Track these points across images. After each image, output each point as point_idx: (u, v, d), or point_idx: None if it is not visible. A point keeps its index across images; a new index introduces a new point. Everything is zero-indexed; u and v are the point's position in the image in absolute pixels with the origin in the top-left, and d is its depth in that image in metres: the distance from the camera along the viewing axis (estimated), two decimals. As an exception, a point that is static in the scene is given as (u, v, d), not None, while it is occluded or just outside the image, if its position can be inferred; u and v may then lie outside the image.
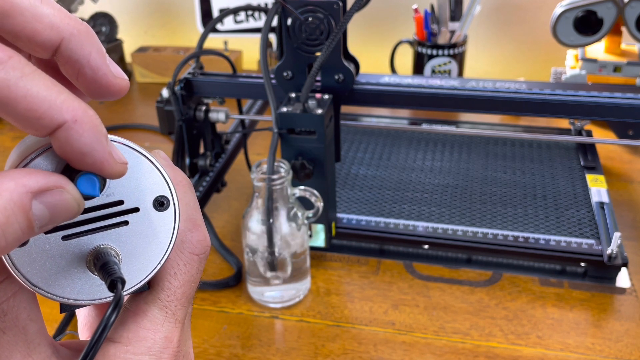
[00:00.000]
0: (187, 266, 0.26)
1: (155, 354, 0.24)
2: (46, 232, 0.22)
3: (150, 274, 0.24)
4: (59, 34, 0.21)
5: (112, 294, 0.23)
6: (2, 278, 0.22)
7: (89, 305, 0.24)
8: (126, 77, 0.23)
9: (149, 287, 0.25)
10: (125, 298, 0.26)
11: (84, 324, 0.29)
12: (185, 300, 0.26)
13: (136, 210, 0.24)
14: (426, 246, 0.69)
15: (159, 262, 0.24)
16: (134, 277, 0.24)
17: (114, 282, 0.22)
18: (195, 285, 0.26)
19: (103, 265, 0.23)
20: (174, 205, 0.24)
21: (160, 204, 0.24)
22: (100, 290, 0.24)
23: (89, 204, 0.23)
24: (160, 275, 0.25)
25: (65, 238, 0.23)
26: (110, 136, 0.23)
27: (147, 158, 0.24)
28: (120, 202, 0.23)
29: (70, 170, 0.21)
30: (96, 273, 0.23)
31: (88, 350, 0.21)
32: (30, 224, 0.20)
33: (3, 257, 0.21)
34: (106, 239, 0.23)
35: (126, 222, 0.24)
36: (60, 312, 0.25)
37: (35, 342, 0.23)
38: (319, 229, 0.67)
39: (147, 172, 0.24)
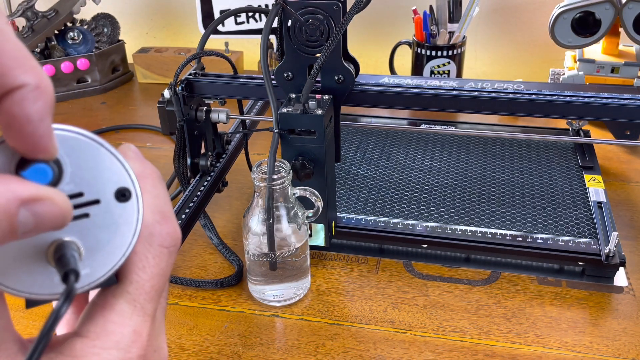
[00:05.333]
0: (156, 259, 0.25)
1: (124, 348, 0.23)
2: None
3: (114, 266, 0.24)
4: (24, 79, 0.20)
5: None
6: None
7: (53, 300, 0.24)
8: (55, 146, 0.22)
9: (117, 280, 0.25)
10: (95, 293, 0.25)
11: (61, 322, 0.28)
12: (154, 293, 0.25)
13: (97, 202, 0.23)
14: (425, 245, 0.69)
15: (123, 255, 0.24)
16: (97, 270, 0.24)
17: (67, 273, 0.22)
18: (166, 278, 0.26)
19: (59, 258, 0.22)
20: (136, 196, 0.24)
21: (122, 195, 0.23)
22: (62, 284, 0.23)
23: None
24: (128, 268, 0.24)
25: None
26: (66, 126, 0.22)
27: (107, 149, 0.23)
28: (80, 195, 0.23)
29: (23, 163, 0.21)
30: (54, 266, 0.23)
31: (38, 342, 0.20)
32: (13, 229, 0.20)
33: None
34: (66, 232, 0.23)
35: (87, 215, 0.23)
36: (26, 308, 0.24)
37: (1, 338, 0.22)
38: (319, 229, 0.68)
39: (107, 163, 0.23)
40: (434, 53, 1.00)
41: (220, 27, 1.08)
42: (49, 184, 0.22)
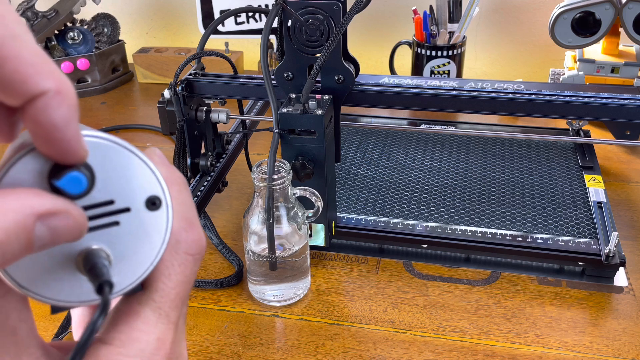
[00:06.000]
0: (182, 267, 0.25)
1: (148, 356, 0.23)
2: None
3: (142, 275, 0.24)
4: (45, 86, 0.20)
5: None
6: None
7: (79, 306, 0.24)
8: (85, 149, 0.22)
9: (143, 287, 0.24)
10: (119, 299, 0.25)
11: (79, 324, 0.29)
12: (179, 301, 0.25)
13: (127, 210, 0.23)
14: (425, 245, 0.69)
15: (151, 264, 0.24)
16: (125, 278, 0.23)
17: (102, 285, 0.22)
18: (190, 286, 0.25)
19: (92, 268, 0.22)
20: (167, 205, 0.24)
21: (153, 203, 0.23)
22: (90, 292, 0.23)
23: (78, 203, 0.22)
24: (153, 275, 0.24)
25: None
26: (97, 133, 0.22)
27: (138, 157, 0.23)
28: (111, 202, 0.23)
29: (57, 170, 0.21)
30: (85, 274, 0.23)
31: (74, 354, 0.20)
32: (30, 244, 0.20)
33: None
34: (96, 240, 0.23)
35: (117, 223, 0.23)
36: (52, 314, 0.24)
37: (25, 343, 0.22)
38: (319, 229, 0.68)
39: (138, 171, 0.23)
40: (434, 53, 1.00)
41: (220, 27, 1.08)
42: (82, 192, 0.21)
